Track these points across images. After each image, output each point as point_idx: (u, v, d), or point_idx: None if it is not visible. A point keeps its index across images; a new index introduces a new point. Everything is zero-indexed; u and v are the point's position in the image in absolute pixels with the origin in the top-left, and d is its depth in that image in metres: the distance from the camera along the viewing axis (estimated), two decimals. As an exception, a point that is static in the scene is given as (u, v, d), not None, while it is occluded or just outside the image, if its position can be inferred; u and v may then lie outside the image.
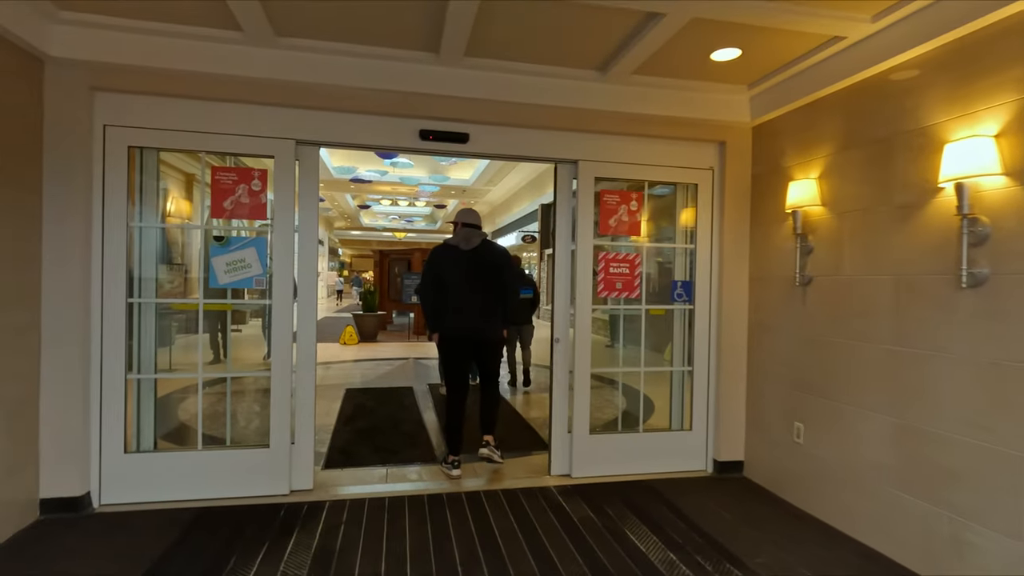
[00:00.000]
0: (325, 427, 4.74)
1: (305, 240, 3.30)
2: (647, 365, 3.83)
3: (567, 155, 3.57)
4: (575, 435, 3.60)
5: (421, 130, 3.33)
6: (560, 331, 3.62)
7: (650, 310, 3.77)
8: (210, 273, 3.12)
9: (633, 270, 3.69)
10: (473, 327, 3.62)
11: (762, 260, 3.62)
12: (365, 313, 11.40)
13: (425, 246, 17.61)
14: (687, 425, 3.83)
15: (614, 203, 3.65)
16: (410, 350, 10.15)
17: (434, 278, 3.64)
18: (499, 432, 4.64)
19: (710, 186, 3.77)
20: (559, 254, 3.62)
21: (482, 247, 3.68)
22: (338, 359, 8.92)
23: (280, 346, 3.20)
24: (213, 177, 3.11)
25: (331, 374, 7.48)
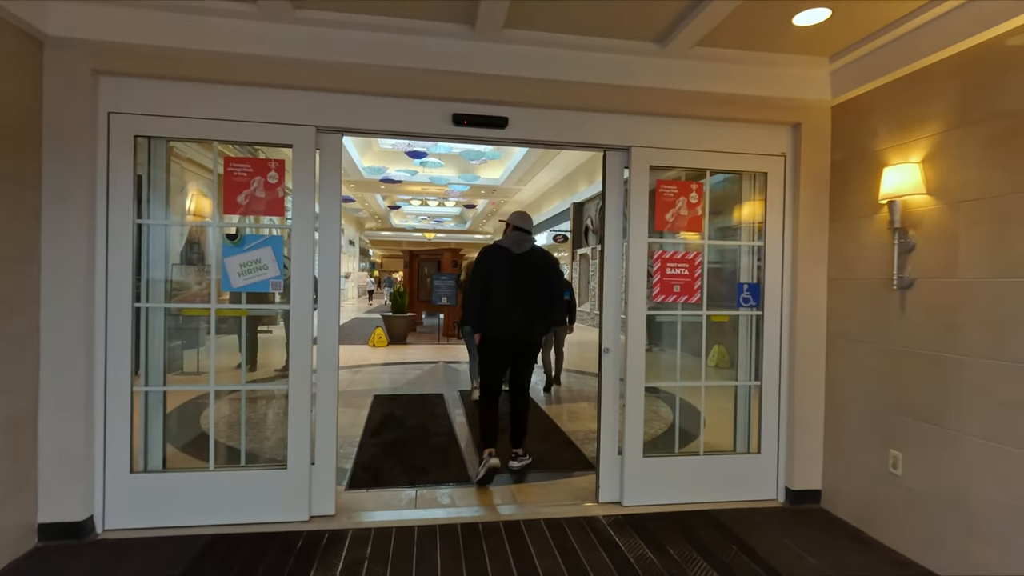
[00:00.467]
0: (351, 439, 4.43)
1: (326, 238, 2.98)
2: (689, 372, 3.37)
3: (618, 141, 3.15)
4: (627, 457, 3.18)
5: (454, 114, 2.96)
6: (610, 340, 3.21)
7: (712, 316, 3.32)
8: (223, 275, 2.82)
9: (693, 271, 3.25)
10: (515, 331, 3.62)
11: (844, 259, 3.14)
12: (394, 315, 11.16)
13: (455, 246, 17.35)
14: (754, 447, 3.36)
15: (671, 195, 3.21)
16: (440, 353, 9.85)
17: (482, 279, 3.62)
18: (537, 447, 4.26)
19: (782, 175, 3.30)
20: (609, 253, 3.21)
21: (532, 252, 3.68)
22: (367, 362, 8.67)
23: (299, 356, 2.89)
24: (226, 169, 2.81)
25: (359, 379, 7.22)
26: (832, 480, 3.20)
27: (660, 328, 3.40)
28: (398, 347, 10.61)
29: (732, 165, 3.27)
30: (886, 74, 2.82)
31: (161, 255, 2.96)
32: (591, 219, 17.46)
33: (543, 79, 2.92)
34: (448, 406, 5.74)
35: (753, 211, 3.42)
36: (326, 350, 2.96)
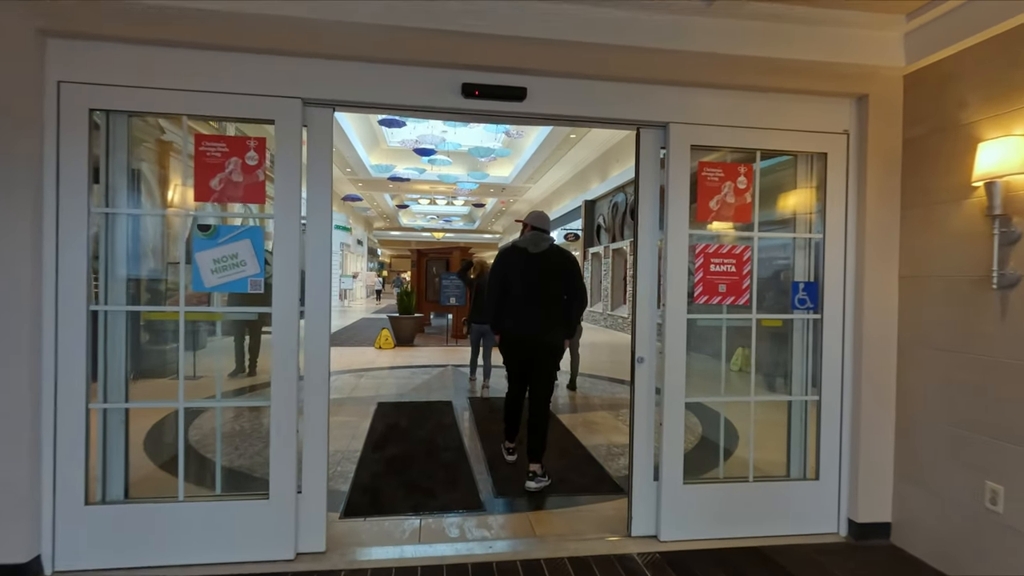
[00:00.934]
0: (350, 454, 4.02)
1: (315, 230, 2.56)
2: (733, 384, 2.92)
3: (654, 116, 2.71)
4: (664, 484, 2.73)
5: (464, 84, 2.53)
6: (644, 347, 2.77)
7: (763, 320, 2.86)
8: (194, 273, 2.41)
9: (741, 268, 2.79)
10: (533, 332, 3.54)
11: (921, 253, 2.67)
12: (401, 316, 10.76)
13: (464, 245, 16.95)
14: (811, 472, 2.90)
15: (716, 180, 2.76)
16: (449, 356, 9.43)
17: (501, 279, 3.62)
18: (556, 464, 3.82)
19: (844, 155, 2.83)
20: (643, 248, 2.77)
21: (550, 251, 3.58)
22: (372, 366, 8.27)
23: (282, 368, 2.47)
24: (197, 148, 2.40)
25: (363, 384, 6.81)
26: (905, 512, 2.73)
27: (700, 334, 2.96)
28: (405, 349, 10.21)
29: (786, 145, 2.81)
30: (980, 31, 2.35)
31: (125, 248, 2.54)
32: (603, 217, 16.98)
33: (568, 41, 2.47)
34: (457, 415, 5.32)
35: (809, 199, 2.96)
36: (315, 360, 2.55)
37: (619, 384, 7.16)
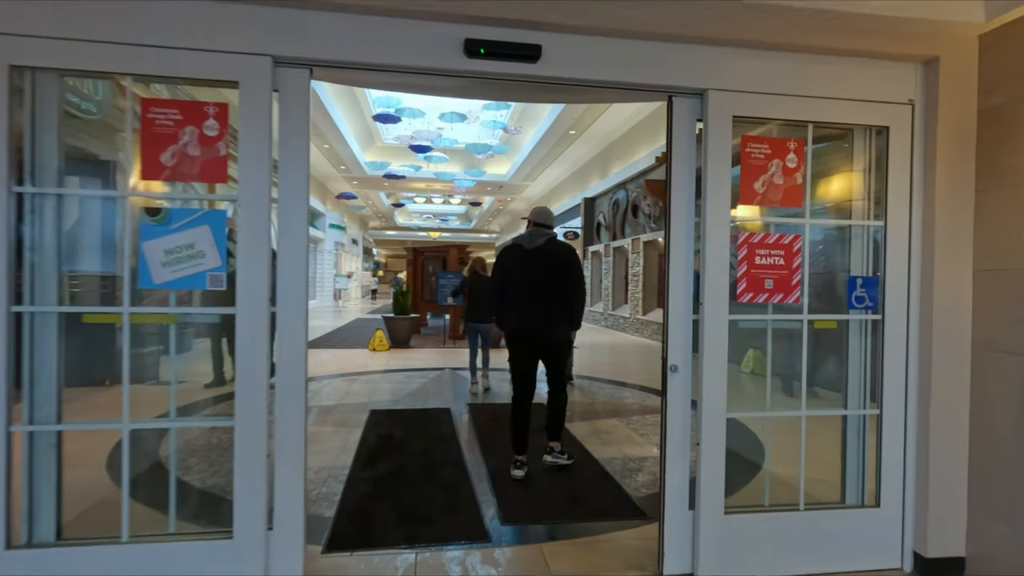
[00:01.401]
0: (337, 472, 3.59)
1: (289, 216, 2.15)
2: (777, 397, 2.52)
3: (690, 82, 2.30)
4: (702, 513, 2.32)
5: (467, 40, 2.12)
6: (678, 354, 2.36)
7: (815, 322, 2.45)
8: (140, 266, 1.99)
9: (790, 260, 2.39)
10: (534, 329, 3.56)
11: (1002, 243, 2.27)
12: (397, 316, 10.33)
13: (461, 243, 16.52)
14: (870, 498, 2.50)
15: (762, 157, 2.36)
16: (446, 358, 9.01)
17: (501, 277, 3.67)
18: (570, 483, 3.42)
19: (908, 129, 2.44)
20: (676, 237, 2.36)
21: (546, 246, 3.58)
22: (366, 369, 7.85)
23: (249, 381, 2.05)
24: (143, 116, 1.98)
25: (355, 390, 6.39)
26: (983, 546, 2.34)
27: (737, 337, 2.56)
28: (400, 351, 9.79)
29: (841, 117, 2.41)
30: (1087, -26, 1.95)
31: (54, 238, 2.11)
32: (603, 215, 16.58)
33: (592, -12, 2.07)
34: (456, 424, 4.90)
35: (866, 181, 2.56)
36: (289, 369, 2.13)
37: (623, 388, 6.76)
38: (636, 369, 8.37)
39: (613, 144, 16.31)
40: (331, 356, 9.02)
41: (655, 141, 13.13)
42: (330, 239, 24.71)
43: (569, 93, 2.48)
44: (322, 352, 9.51)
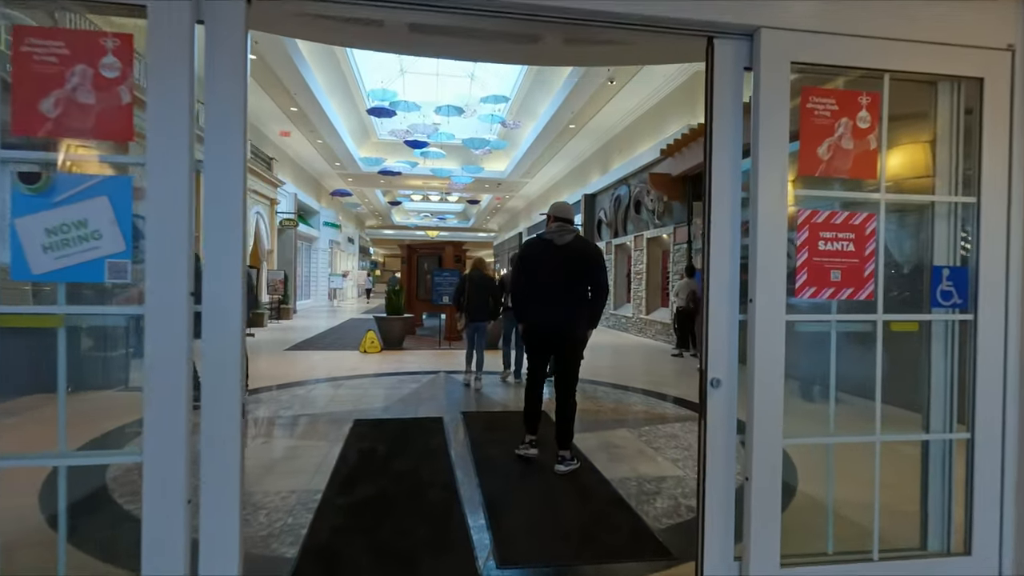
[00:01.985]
0: (307, 499, 3.09)
1: (219, 186, 1.64)
2: (843, 418, 2.02)
3: (735, 17, 1.81)
4: (753, 565, 1.83)
5: (451, -46, 1.62)
6: (720, 365, 1.86)
7: (891, 324, 1.96)
8: (12, 251, 1.49)
9: (862, 246, 1.89)
10: (555, 323, 3.58)
11: None
12: (389, 316, 9.82)
13: (457, 242, 15.98)
14: (959, 543, 2.01)
15: (827, 115, 1.86)
16: (441, 360, 8.51)
17: (524, 269, 3.68)
18: (576, 511, 2.91)
19: (1007, 82, 1.94)
20: (718, 217, 1.86)
21: (575, 243, 3.59)
22: (355, 372, 7.34)
23: (161, 403, 1.55)
24: (15, 49, 1.48)
25: (341, 396, 5.88)
26: (1107, 605, 1.85)
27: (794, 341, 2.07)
28: (393, 353, 9.28)
29: (922, 65, 1.92)
30: None
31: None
32: (604, 211, 16.08)
33: None
34: (448, 436, 4.40)
35: (950, 147, 2.06)
36: (219, 384, 1.62)
37: (629, 392, 6.26)
38: (641, 372, 7.88)
39: (614, 139, 15.83)
40: (320, 359, 8.51)
41: (659, 134, 12.64)
42: (324, 237, 24.18)
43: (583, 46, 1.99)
44: (310, 355, 9.00)
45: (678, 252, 11.09)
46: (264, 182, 15.35)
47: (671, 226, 11.47)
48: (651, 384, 6.83)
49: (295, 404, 5.46)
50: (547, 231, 3.65)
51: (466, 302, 6.48)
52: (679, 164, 10.54)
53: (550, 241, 3.59)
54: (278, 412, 5.10)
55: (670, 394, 6.25)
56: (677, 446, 4.25)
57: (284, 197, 18.07)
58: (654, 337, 12.11)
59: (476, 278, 6.52)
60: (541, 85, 15.79)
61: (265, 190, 15.49)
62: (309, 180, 22.57)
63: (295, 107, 14.80)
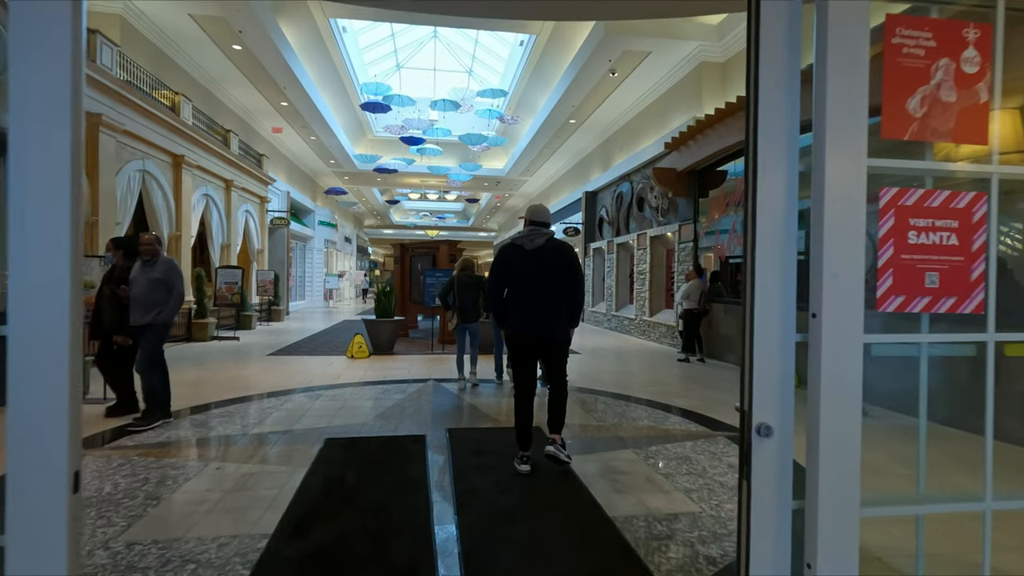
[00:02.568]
0: (248, 547, 2.56)
1: (32, 157, 1.11)
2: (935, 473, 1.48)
3: (796, -86, 1.27)
4: None
5: None
6: (770, 406, 1.33)
7: (1006, 346, 1.42)
8: None
9: (968, 238, 1.36)
10: (535, 328, 3.61)
11: None
12: (378, 319, 9.30)
13: (452, 240, 15.46)
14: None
15: (920, 54, 1.33)
16: (432, 367, 7.99)
17: (500, 277, 3.68)
18: (577, 561, 2.39)
19: None
20: (767, 196, 1.33)
21: (547, 246, 3.61)
22: (337, 381, 6.82)
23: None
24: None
25: (316, 409, 5.36)
26: None
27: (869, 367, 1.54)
28: (382, 359, 8.76)
29: (1048, -10, 1.38)
30: None
31: None
32: (606, 209, 15.54)
33: None
34: (430, 460, 3.88)
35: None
36: (33, 432, 1.09)
37: (633, 404, 5.73)
38: (645, 379, 7.34)
39: (616, 134, 15.29)
40: (302, 365, 7.99)
41: (663, 128, 12.11)
42: (320, 237, 23.68)
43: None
44: (294, 361, 8.48)
45: (683, 251, 10.56)
46: (254, 179, 14.84)
47: (676, 224, 10.94)
48: (657, 394, 6.30)
49: (265, 419, 4.94)
50: (519, 236, 3.68)
51: (455, 303, 6.53)
52: (685, 158, 10.01)
53: (521, 246, 3.62)
54: (243, 429, 4.58)
55: (677, 405, 5.72)
56: (690, 471, 3.72)
57: (276, 195, 17.57)
58: (658, 340, 11.58)
59: (464, 279, 6.54)
60: (540, 79, 15.27)
61: (255, 187, 14.98)
62: (303, 178, 22.06)
63: (285, 101, 14.30)
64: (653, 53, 10.99)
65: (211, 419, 4.90)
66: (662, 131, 12.07)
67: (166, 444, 4.16)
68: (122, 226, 8.61)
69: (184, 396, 5.76)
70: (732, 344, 8.86)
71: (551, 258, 3.57)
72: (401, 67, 20.71)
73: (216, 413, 5.10)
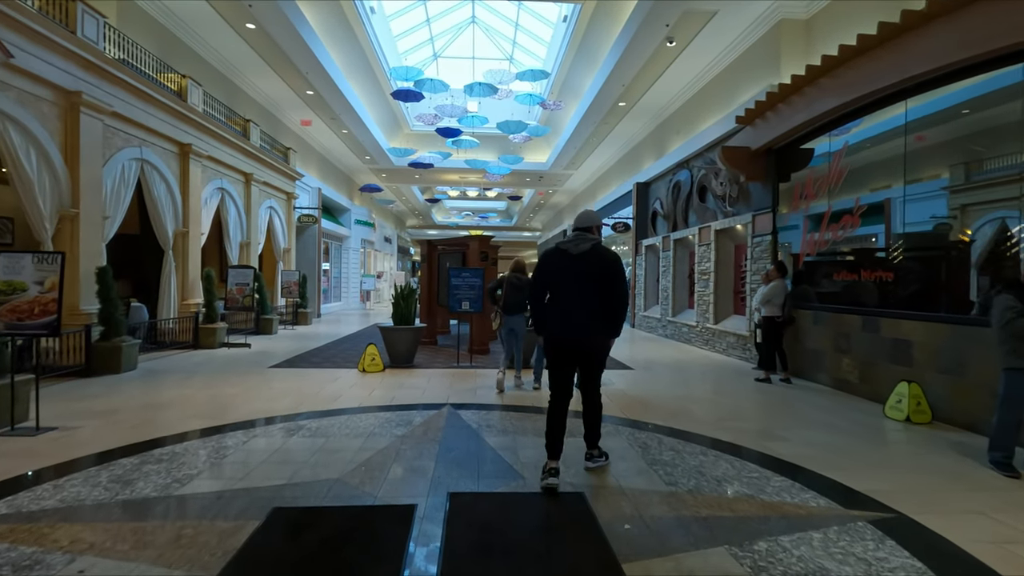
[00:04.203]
0: None
1: None
2: None
3: None
4: None
5: None
6: None
7: None
8: None
9: None
10: (575, 334, 3.54)
11: None
12: (396, 326, 8.03)
13: (486, 235, 14.13)
14: None
15: None
16: (454, 385, 6.63)
17: (542, 283, 3.66)
18: None
19: None
20: None
21: (591, 252, 3.56)
22: (331, 406, 5.54)
23: None
24: None
25: (286, 449, 4.07)
26: None
27: None
28: (397, 373, 7.48)
29: None
30: None
31: None
32: (660, 201, 13.81)
33: None
34: (410, 561, 2.48)
35: None
36: None
37: (711, 453, 4.16)
38: (719, 409, 5.71)
39: (672, 116, 13.54)
40: (300, 383, 6.77)
41: (730, 103, 10.34)
42: (356, 236, 22.88)
43: None
44: (295, 375, 7.30)
45: (759, 246, 8.80)
46: (278, 173, 13.97)
47: (748, 214, 9.18)
48: (743, 434, 4.70)
49: (208, 468, 3.69)
50: (563, 240, 3.66)
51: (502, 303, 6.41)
52: (761, 134, 8.27)
53: (565, 251, 3.59)
54: (165, 488, 3.32)
55: (776, 455, 4.12)
56: (838, 608, 2.17)
57: (306, 192, 16.73)
58: (725, 352, 9.83)
59: (514, 280, 6.40)
60: (586, 56, 13.71)
61: (279, 182, 14.12)
62: (338, 175, 21.29)
63: (310, 90, 13.33)
64: (719, 13, 9.28)
65: (143, 465, 3.69)
66: (729, 107, 10.31)
67: (38, 517, 2.94)
68: (112, 220, 7.69)
69: (136, 427, 4.62)
70: (824, 361, 7.09)
71: (595, 264, 3.53)
72: (438, 56, 19.66)
73: (153, 456, 3.90)
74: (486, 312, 8.79)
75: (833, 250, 7.22)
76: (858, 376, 6.46)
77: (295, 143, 16.29)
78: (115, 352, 6.89)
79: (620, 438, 4.51)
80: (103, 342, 6.90)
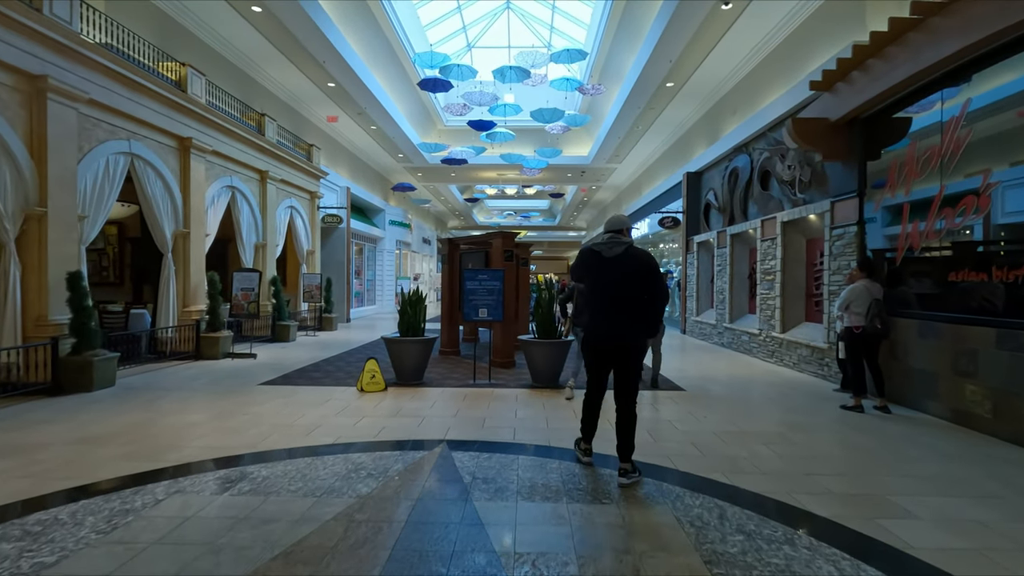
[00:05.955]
0: None
1: None
2: None
3: None
4: None
5: None
6: None
7: None
8: None
9: None
10: (610, 335, 3.61)
11: None
12: (402, 338, 6.94)
13: (513, 231, 12.90)
14: None
15: None
16: (461, 411, 5.44)
17: (577, 280, 3.82)
18: None
19: None
20: None
21: (625, 254, 3.63)
22: (299, 443, 4.47)
23: None
24: None
25: (200, 519, 3.00)
26: None
27: None
28: (401, 392, 6.37)
29: None
30: None
31: None
32: (714, 192, 12.21)
33: None
34: None
35: None
36: None
37: (801, 542, 2.79)
38: (800, 451, 4.26)
39: (727, 95, 11.92)
40: (280, 405, 5.75)
41: (799, 72, 8.73)
42: (391, 237, 22.18)
43: None
44: (278, 395, 6.30)
45: (840, 240, 7.19)
46: (299, 171, 13.25)
47: (826, 201, 7.58)
48: (842, 500, 3.30)
49: (76, 547, 2.66)
50: (597, 242, 3.72)
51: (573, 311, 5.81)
52: (844, 100, 6.68)
53: (599, 253, 3.67)
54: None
55: (913, 549, 2.71)
56: None
57: (332, 191, 16.03)
58: (796, 366, 8.22)
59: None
60: (629, 31, 12.27)
61: (301, 181, 13.40)
62: (371, 175, 20.61)
63: (332, 82, 12.54)
64: (788, -39, 7.73)
65: (-3, 543, 2.70)
66: (798, 76, 8.70)
67: None
68: (92, 220, 6.96)
69: (42, 474, 3.69)
70: (935, 385, 5.48)
71: (632, 266, 3.59)
72: (472, 46, 18.63)
73: (23, 526, 2.91)
74: (508, 320, 7.57)
75: (948, 242, 5.59)
76: (991, 409, 4.85)
77: (322, 140, 15.62)
78: (86, 368, 6.10)
79: (665, 506, 3.21)
80: (73, 356, 6.14)
